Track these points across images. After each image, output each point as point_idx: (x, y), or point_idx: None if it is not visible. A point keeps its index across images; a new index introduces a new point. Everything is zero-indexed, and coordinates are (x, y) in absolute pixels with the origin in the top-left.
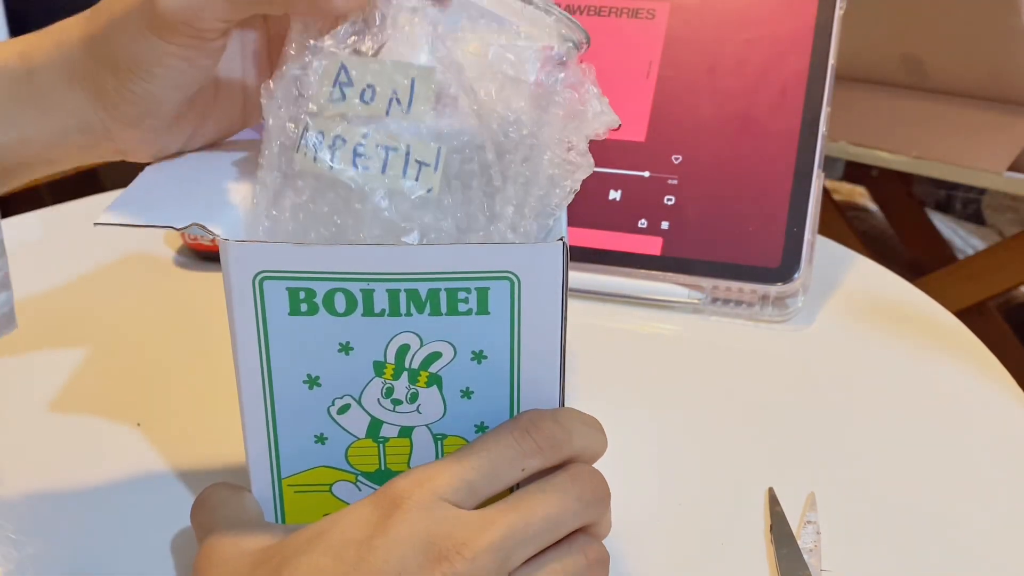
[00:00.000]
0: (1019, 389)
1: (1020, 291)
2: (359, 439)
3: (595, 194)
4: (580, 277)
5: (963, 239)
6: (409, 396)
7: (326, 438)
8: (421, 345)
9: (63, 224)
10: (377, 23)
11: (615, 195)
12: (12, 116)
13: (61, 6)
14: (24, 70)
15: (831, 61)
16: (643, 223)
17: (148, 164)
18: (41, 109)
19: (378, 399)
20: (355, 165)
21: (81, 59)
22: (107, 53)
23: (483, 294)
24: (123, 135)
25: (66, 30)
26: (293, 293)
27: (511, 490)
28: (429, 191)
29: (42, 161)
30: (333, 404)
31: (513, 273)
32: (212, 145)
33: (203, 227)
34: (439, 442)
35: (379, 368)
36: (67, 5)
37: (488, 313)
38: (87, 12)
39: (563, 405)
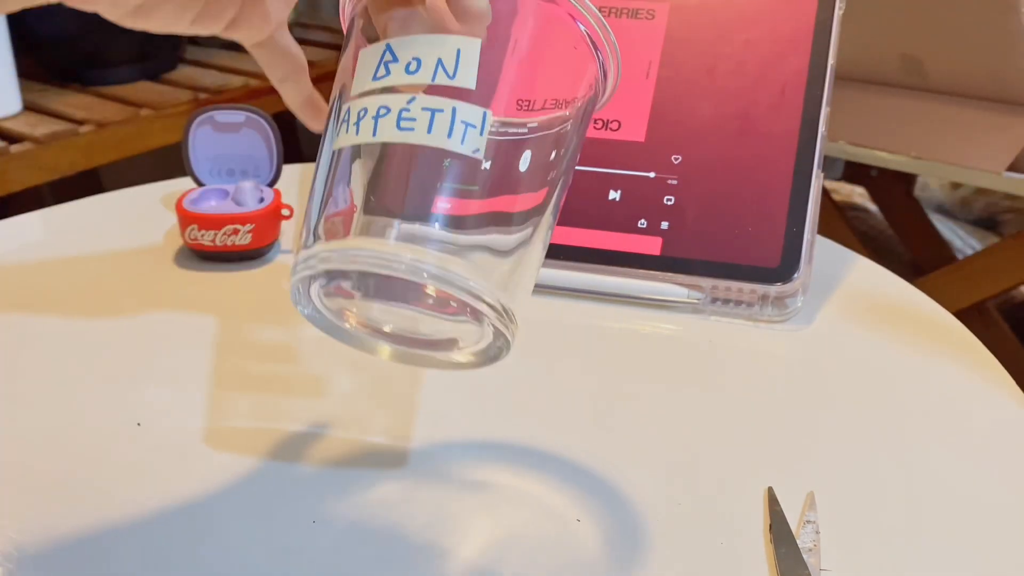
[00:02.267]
0: (1019, 389)
1: (1020, 291)
2: None
3: (595, 194)
4: (580, 277)
5: (963, 239)
6: None
7: None
8: None
9: (63, 224)
10: None
11: (615, 195)
12: None
13: (61, 8)
14: None
15: (831, 61)
16: (643, 223)
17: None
18: None
19: None
20: (399, 128)
21: None
22: None
23: None
24: None
25: None
26: None
27: None
28: (476, 151)
29: None
30: None
31: None
32: None
33: None
34: None
35: None
36: (67, 7)
37: None
38: None
39: None
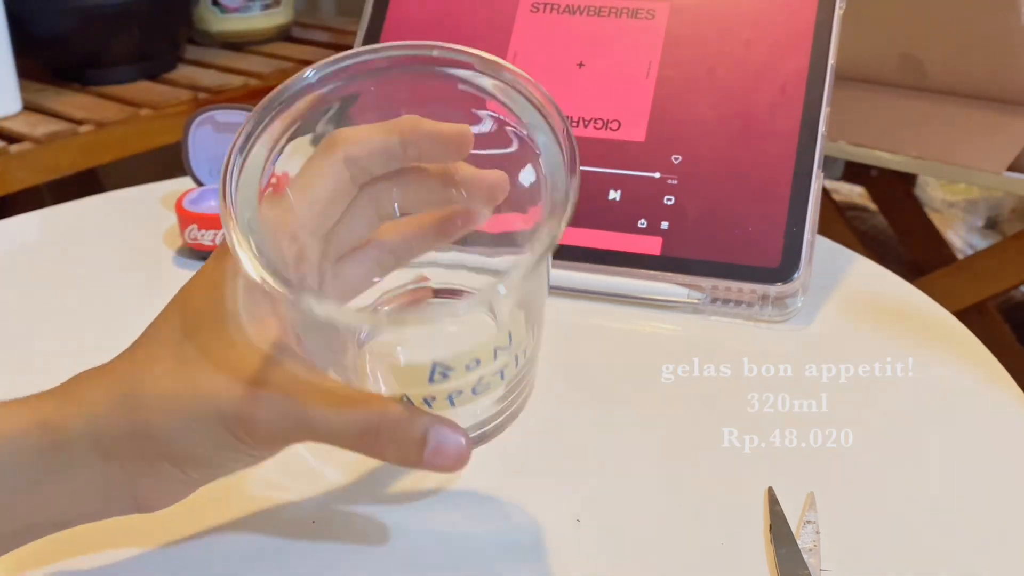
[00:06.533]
0: (1019, 389)
1: (1020, 291)
2: None
3: (595, 194)
4: (580, 277)
5: (963, 239)
6: None
7: None
8: None
9: (63, 224)
10: None
11: (615, 195)
12: (35, 488)
13: (61, 8)
14: (49, 443)
15: (831, 61)
16: (643, 223)
17: None
18: (69, 483)
19: None
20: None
21: (120, 443)
22: (162, 450)
23: None
24: (153, 499)
25: (94, 406)
26: None
27: None
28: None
29: (53, 525)
30: None
31: None
32: None
33: None
34: None
35: None
36: (67, 7)
37: None
38: (108, 381)
39: None
